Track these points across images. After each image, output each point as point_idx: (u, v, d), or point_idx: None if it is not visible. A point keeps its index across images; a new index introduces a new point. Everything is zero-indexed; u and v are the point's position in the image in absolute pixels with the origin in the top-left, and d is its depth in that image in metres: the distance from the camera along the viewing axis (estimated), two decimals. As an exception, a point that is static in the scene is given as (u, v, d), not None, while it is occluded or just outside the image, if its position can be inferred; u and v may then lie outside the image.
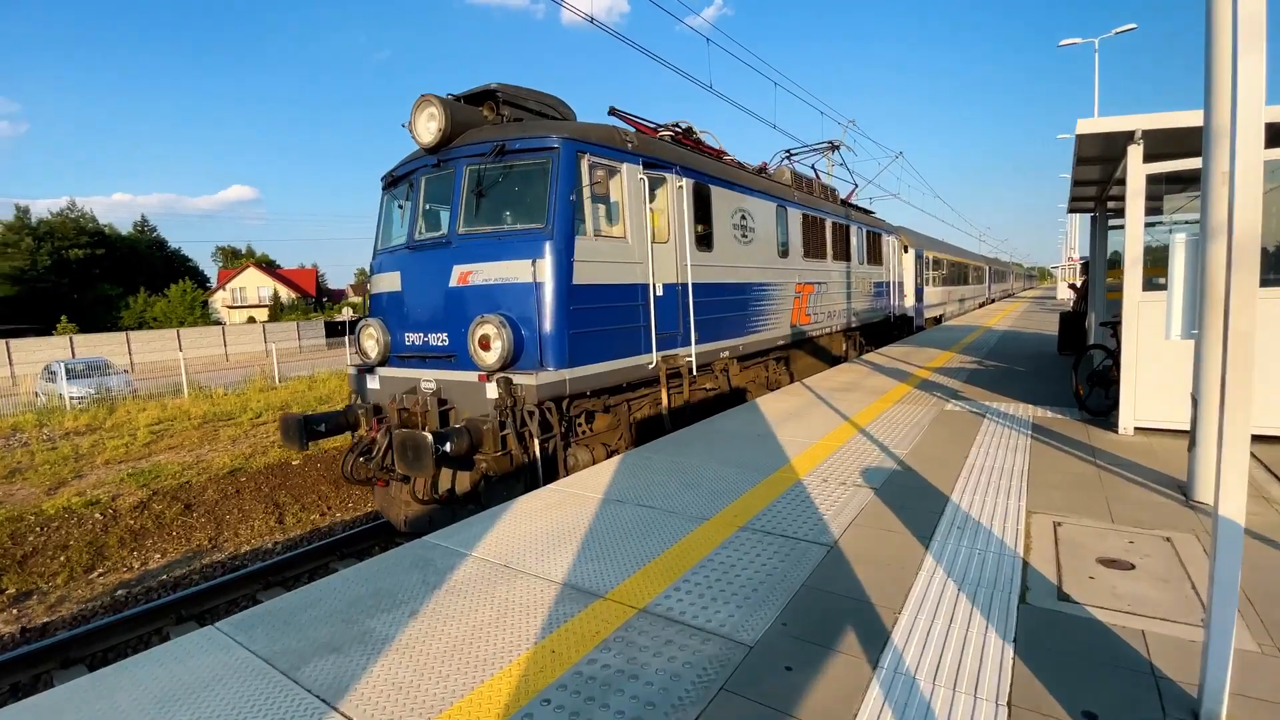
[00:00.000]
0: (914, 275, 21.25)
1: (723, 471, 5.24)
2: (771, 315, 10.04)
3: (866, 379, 10.02)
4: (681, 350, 7.55)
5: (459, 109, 6.39)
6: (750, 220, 9.34)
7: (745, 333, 9.20)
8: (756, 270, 9.48)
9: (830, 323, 12.80)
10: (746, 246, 9.22)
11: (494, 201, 6.37)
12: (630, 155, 6.74)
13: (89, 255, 66.84)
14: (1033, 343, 15.10)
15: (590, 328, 6.13)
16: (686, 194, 7.65)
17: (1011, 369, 10.69)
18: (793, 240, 10.90)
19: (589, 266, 6.13)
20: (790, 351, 11.41)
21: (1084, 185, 9.56)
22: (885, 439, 6.15)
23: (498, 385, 5.57)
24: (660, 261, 7.28)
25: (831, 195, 13.67)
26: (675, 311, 7.47)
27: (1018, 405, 7.59)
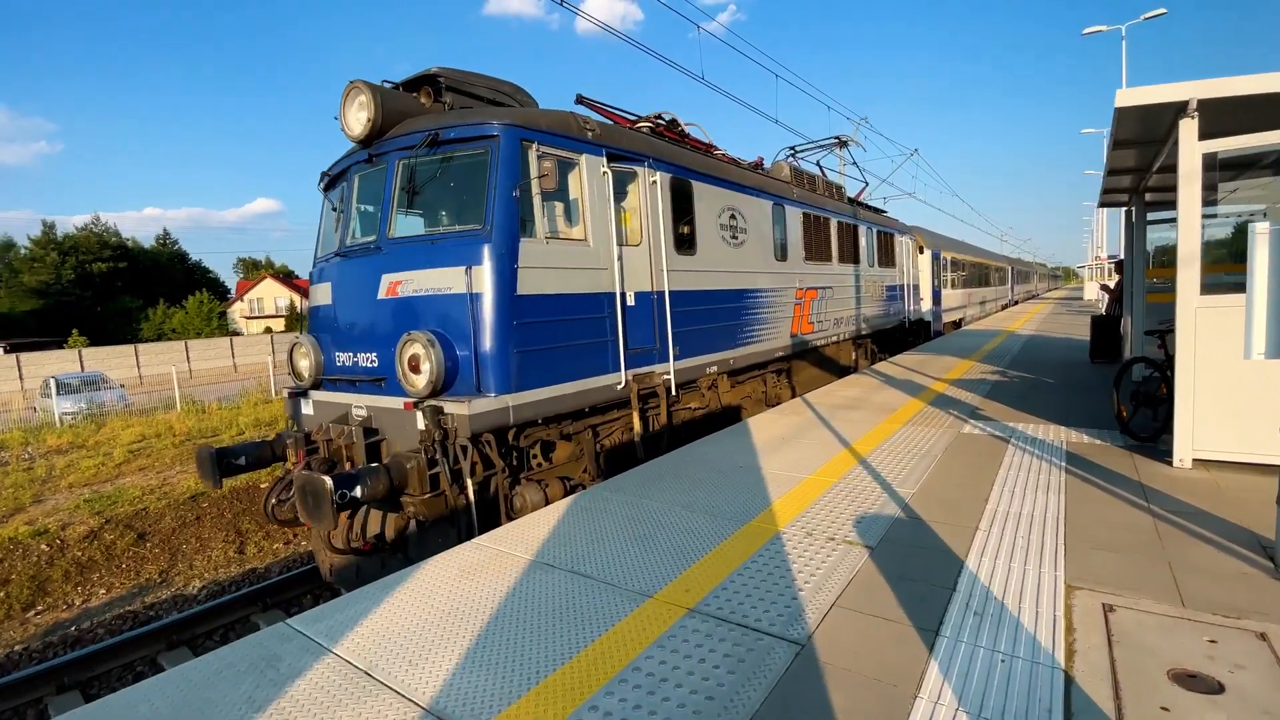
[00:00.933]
0: (931, 277, 20.11)
1: (689, 519, 4.33)
2: (768, 324, 9.10)
3: (875, 393, 9.03)
4: (658, 367, 6.65)
5: (392, 97, 5.58)
6: (741, 220, 8.43)
7: (737, 344, 8.27)
8: (749, 275, 8.56)
9: (837, 330, 11.81)
10: (737, 249, 8.31)
11: (429, 200, 5.54)
12: (590, 145, 5.87)
13: (111, 269, 67.79)
14: (1060, 349, 13.95)
15: (540, 345, 5.26)
16: (662, 190, 6.76)
17: (1039, 380, 9.63)
18: (792, 241, 9.96)
19: (538, 274, 5.27)
20: (792, 363, 10.45)
21: (1119, 174, 8.51)
22: (890, 472, 5.19)
23: (424, 415, 4.72)
24: (632, 267, 6.40)
25: (837, 193, 12.70)
26: (650, 323, 6.58)
27: (1047, 427, 6.57)
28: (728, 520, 4.28)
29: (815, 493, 4.79)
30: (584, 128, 5.83)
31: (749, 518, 4.32)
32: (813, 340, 10.71)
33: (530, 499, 5.17)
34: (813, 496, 4.70)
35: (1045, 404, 7.79)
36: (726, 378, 8.24)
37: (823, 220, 11.18)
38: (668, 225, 6.86)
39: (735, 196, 8.31)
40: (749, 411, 9.33)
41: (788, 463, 5.63)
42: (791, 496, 4.71)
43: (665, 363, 6.70)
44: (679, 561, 3.65)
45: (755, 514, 4.39)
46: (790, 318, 9.82)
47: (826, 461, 5.62)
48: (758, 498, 4.72)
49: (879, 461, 5.55)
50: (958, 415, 7.35)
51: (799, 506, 4.50)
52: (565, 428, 5.83)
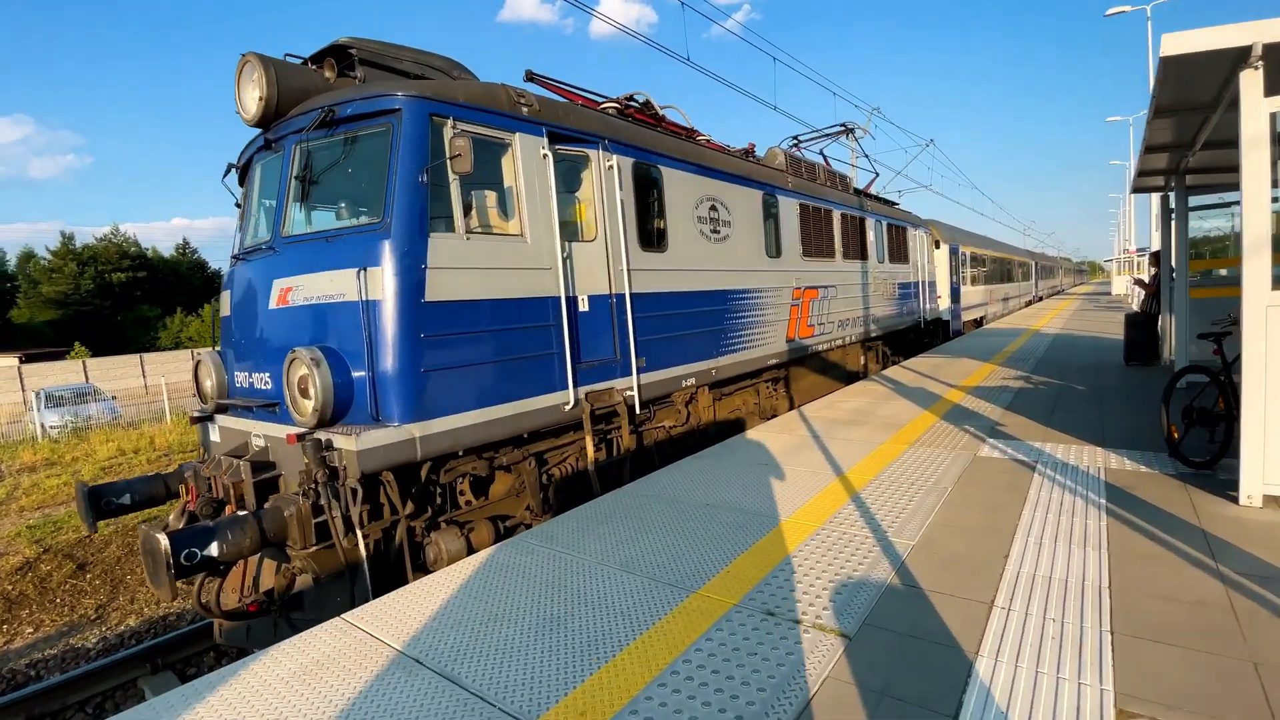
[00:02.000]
0: (948, 273, 18.94)
1: (623, 585, 3.41)
2: (759, 329, 8.14)
3: (881, 405, 8.03)
4: (619, 382, 5.74)
5: (291, 72, 4.74)
6: (724, 211, 7.48)
7: (720, 353, 7.32)
8: (735, 274, 7.61)
9: (842, 333, 10.79)
10: (720, 244, 7.36)
11: (328, 190, 4.69)
12: (527, 123, 4.98)
13: (130, 278, 68.48)
14: (1090, 350, 12.78)
15: (459, 362, 4.37)
16: (622, 177, 5.85)
17: (1067, 388, 8.54)
18: (788, 236, 8.98)
19: (456, 276, 4.38)
20: (790, 371, 9.47)
21: (1157, 153, 7.43)
22: (887, 513, 4.23)
23: (305, 452, 3.86)
24: (585, 266, 5.49)
25: (842, 182, 11.68)
26: (608, 331, 5.66)
27: (1080, 448, 5.54)
28: (671, 587, 3.36)
29: (791, 543, 3.84)
30: (517, 101, 4.93)
31: (699, 583, 3.39)
32: (814, 345, 9.72)
33: (446, 548, 4.28)
34: (786, 549, 3.75)
35: (1076, 417, 6.73)
36: (708, 391, 7.29)
37: (824, 212, 10.18)
38: (630, 218, 5.95)
39: (716, 185, 7.37)
40: (739, 427, 8.37)
41: (765, 498, 4.68)
42: (759, 550, 3.77)
43: (627, 376, 5.78)
44: (587, 660, 2.73)
45: (708, 577, 3.45)
46: (786, 321, 8.85)
47: (812, 497, 4.66)
48: (716, 551, 3.78)
49: (876, 497, 4.58)
50: (974, 432, 6.33)
51: (766, 565, 3.55)
52: (502, 456, 4.94)
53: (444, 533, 4.37)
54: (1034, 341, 14.82)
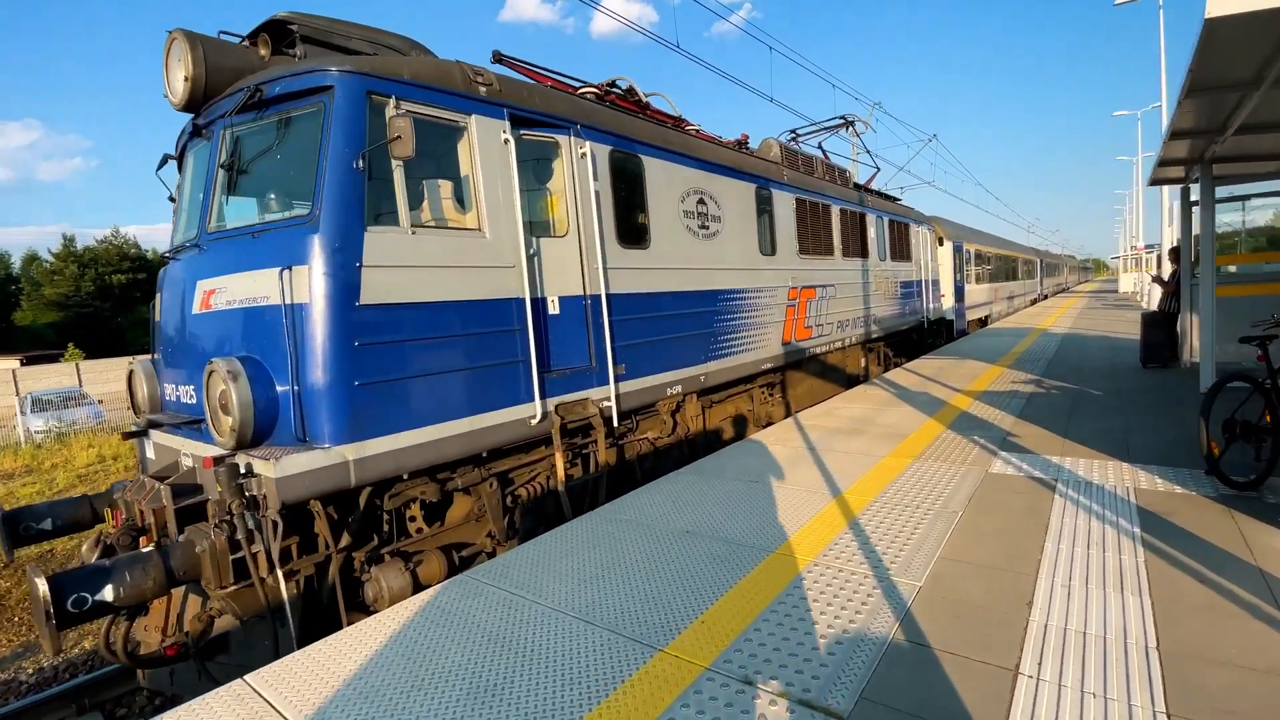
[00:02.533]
0: (952, 271, 18.37)
1: (581, 640, 2.90)
2: (752, 331, 7.61)
3: (883, 411, 7.50)
4: (594, 391, 5.22)
5: (221, 49, 4.24)
6: (714, 206, 6.96)
7: (710, 357, 6.80)
8: (725, 272, 7.08)
9: (842, 335, 10.26)
10: (709, 241, 6.84)
11: (256, 180, 4.18)
12: (484, 104, 4.46)
13: (130, 280, 68.24)
14: (1102, 350, 12.21)
15: (402, 373, 3.86)
16: (597, 166, 5.33)
17: (1083, 392, 8.00)
18: (783, 232, 8.45)
19: (399, 276, 3.87)
20: (786, 375, 8.94)
21: (1182, 139, 6.88)
22: (889, 545, 3.70)
23: (218, 479, 3.35)
24: (555, 265, 4.98)
25: (841, 176, 11.14)
26: (581, 336, 5.15)
27: (1104, 464, 5.01)
28: (635, 643, 2.84)
29: (779, 582, 3.32)
30: (473, 80, 4.42)
31: (668, 637, 2.87)
32: (811, 347, 9.19)
33: (388, 585, 3.77)
34: (773, 591, 3.24)
35: (1096, 427, 6.19)
36: (697, 399, 6.77)
37: (822, 208, 9.64)
38: (607, 211, 5.43)
39: (704, 177, 6.84)
40: (730, 436, 7.85)
41: (752, 524, 4.16)
42: (742, 593, 3.25)
43: (604, 385, 5.26)
44: (520, 745, 2.22)
45: (680, 629, 2.93)
46: (781, 322, 8.32)
47: (805, 523, 4.14)
48: (692, 593, 3.27)
49: (877, 523, 4.06)
50: (984, 444, 5.80)
51: (748, 612, 3.04)
52: (457, 479, 4.42)
53: (386, 567, 3.86)
54: (1042, 342, 14.26)
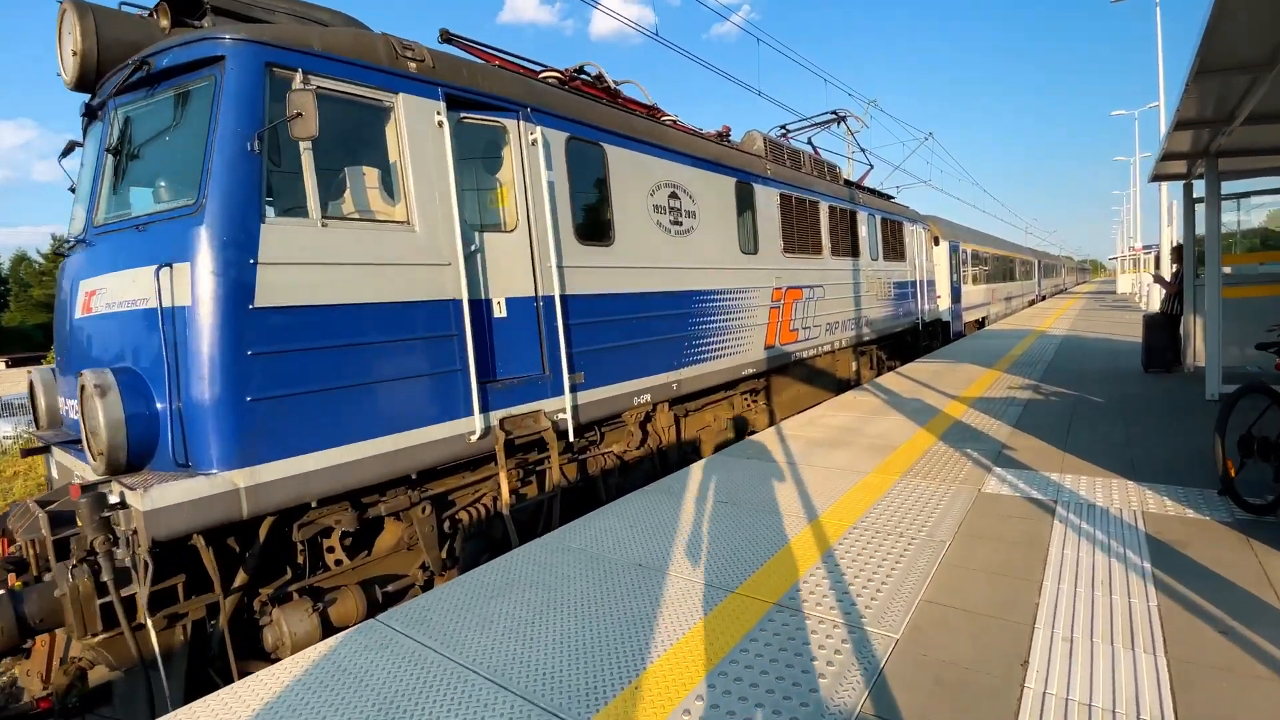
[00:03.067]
0: (949, 272, 17.93)
1: (482, 712, 2.42)
2: (731, 334, 7.14)
3: (871, 420, 7.03)
4: (548, 403, 4.74)
5: (115, 20, 3.76)
6: (688, 200, 6.49)
7: (684, 363, 6.33)
8: (701, 272, 6.61)
9: (831, 338, 9.79)
10: (682, 239, 6.37)
11: (148, 165, 3.70)
12: (416, 82, 3.98)
13: (117, 280, 67.63)
14: (1103, 354, 11.75)
15: (307, 386, 3.38)
16: (551, 154, 4.85)
17: (1083, 399, 7.54)
18: (766, 230, 7.98)
19: (305, 275, 3.39)
20: (771, 380, 8.47)
21: (1187, 129, 6.42)
22: (865, 585, 3.23)
23: (79, 510, 2.87)
24: (501, 262, 4.50)
25: (830, 172, 10.68)
26: (532, 341, 4.67)
27: (1108, 482, 4.54)
28: (550, 718, 2.36)
29: (734, 632, 2.85)
30: (401, 55, 3.93)
31: (592, 709, 2.39)
32: (798, 351, 8.72)
33: (290, 629, 3.29)
34: (726, 645, 2.76)
35: (1098, 439, 5.73)
36: (669, 408, 6.29)
37: (809, 204, 9.17)
38: (564, 204, 4.95)
39: (678, 170, 6.37)
40: (710, 446, 7.38)
41: (713, 556, 3.69)
42: (687, 648, 2.77)
43: (559, 396, 4.78)
44: None
45: (609, 697, 2.46)
46: (764, 325, 7.85)
47: (773, 555, 3.67)
48: (632, 649, 2.79)
49: (854, 556, 3.58)
50: (978, 458, 5.34)
51: (690, 677, 2.56)
52: (382, 504, 3.94)
53: (290, 608, 3.37)
54: (1040, 344, 13.82)
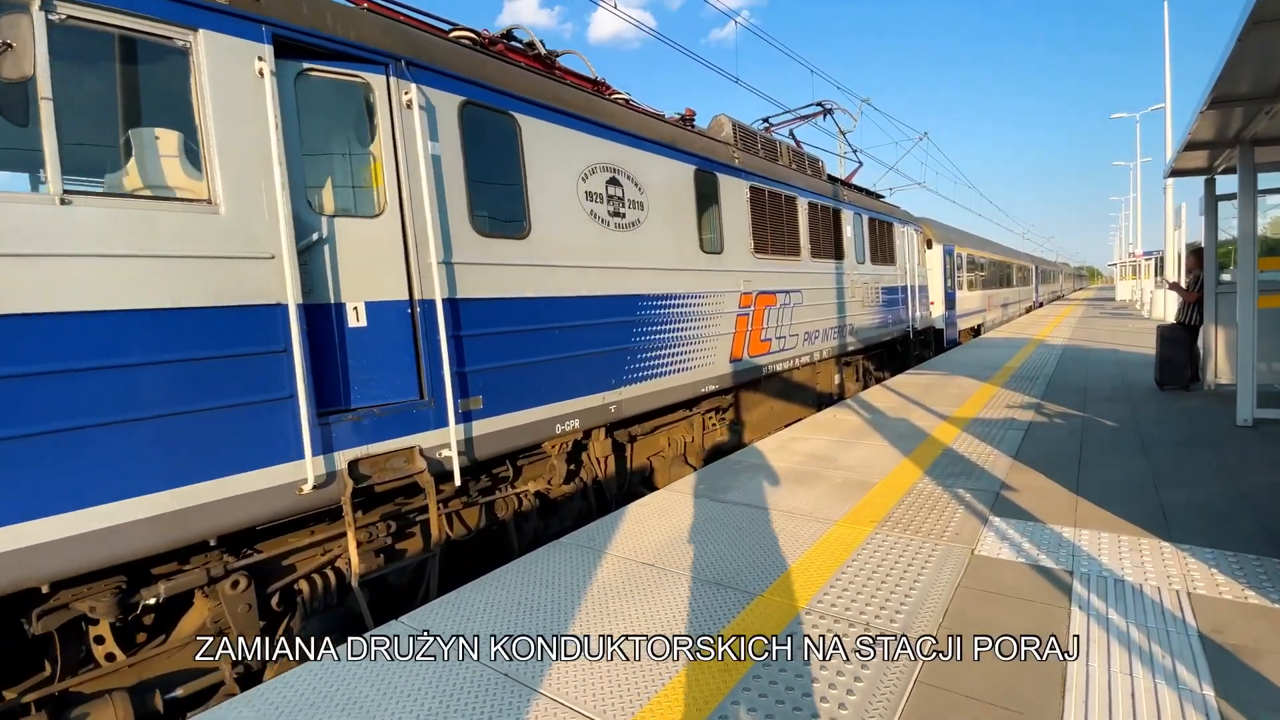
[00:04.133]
0: (942, 277, 17.00)
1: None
2: (689, 345, 6.16)
3: (848, 446, 6.05)
4: (427, 436, 3.74)
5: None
6: (633, 189, 5.51)
7: (627, 379, 5.34)
8: (649, 274, 5.63)
9: (810, 348, 8.82)
10: (625, 234, 5.39)
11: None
12: (224, 15, 2.99)
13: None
14: (1109, 367, 10.80)
15: (26, 427, 2.39)
16: (437, 121, 3.87)
17: (1093, 422, 6.57)
18: (734, 227, 7.01)
19: (29, 271, 2.41)
20: (740, 396, 7.50)
21: (1222, 107, 5.46)
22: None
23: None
24: (361, 256, 3.52)
25: (812, 166, 9.73)
26: (406, 358, 3.68)
27: (1137, 541, 3.56)
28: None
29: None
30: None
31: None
32: (771, 364, 7.74)
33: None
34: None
35: (1116, 476, 4.76)
36: (606, 434, 5.30)
37: (785, 200, 8.21)
38: (457, 185, 3.97)
39: (620, 152, 5.39)
40: (664, 475, 6.40)
41: (610, 661, 2.71)
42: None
43: (442, 427, 3.79)
44: None
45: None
46: (730, 334, 6.87)
47: (673, 678, 2.68)
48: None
49: (794, 673, 2.60)
50: (972, 502, 4.36)
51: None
52: (160, 585, 2.93)
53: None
54: (1040, 355, 12.87)
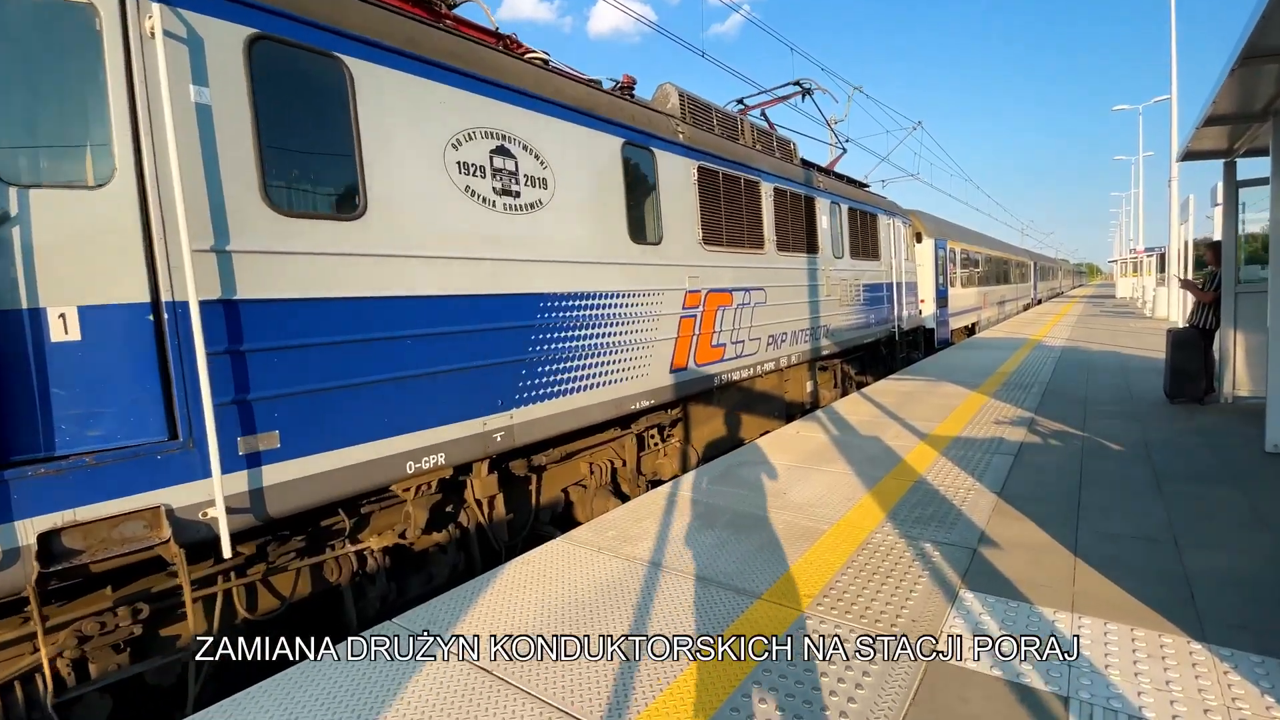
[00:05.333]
0: (934, 273, 15.97)
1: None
2: (615, 353, 5.14)
3: (803, 476, 5.04)
4: (183, 490, 2.72)
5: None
6: (533, 163, 4.48)
7: (523, 398, 4.31)
8: (557, 267, 4.60)
9: (776, 353, 7.79)
10: (518, 217, 4.35)
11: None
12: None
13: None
14: (1111, 372, 9.78)
15: None
16: (205, 58, 2.84)
17: (1095, 445, 5.56)
18: (676, 213, 5.98)
19: None
20: (690, 410, 6.48)
21: (1259, 63, 4.44)
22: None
23: None
24: (74, 242, 2.49)
25: (782, 148, 8.68)
26: (145, 381, 2.65)
27: (1156, 639, 2.54)
28: None
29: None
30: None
31: None
32: (725, 372, 6.72)
33: None
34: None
35: (1125, 528, 3.74)
36: (489, 469, 4.26)
37: (747, 185, 7.17)
38: (244, 145, 2.94)
39: (513, 116, 4.35)
40: (585, 507, 5.38)
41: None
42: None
43: (205, 478, 2.76)
44: None
45: None
46: (671, 339, 5.85)
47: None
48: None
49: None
50: (939, 565, 3.35)
51: None
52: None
53: None
54: (1036, 357, 11.86)
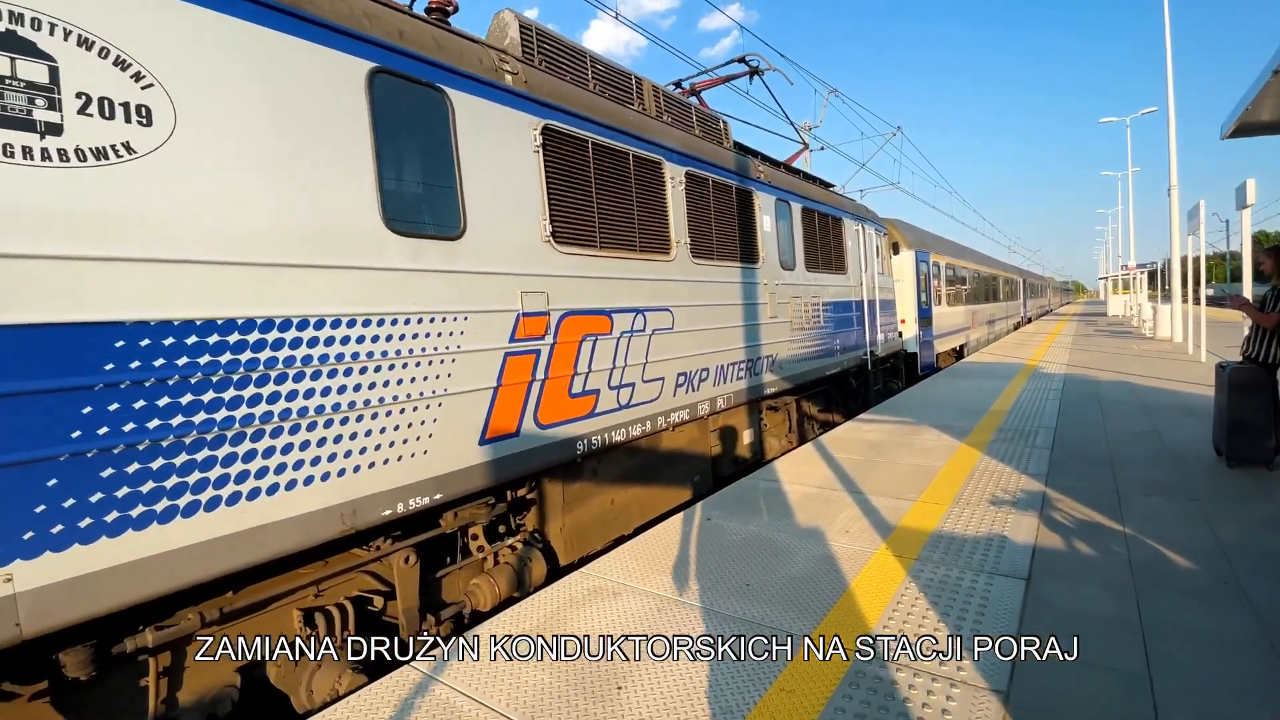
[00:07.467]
0: (915, 289, 13.97)
1: None
2: (324, 426, 3.01)
3: (675, 624, 2.91)
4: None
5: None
6: (105, 72, 2.39)
7: (47, 538, 2.17)
8: (158, 271, 2.50)
9: (694, 398, 5.68)
10: (45, 172, 2.25)
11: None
12: None
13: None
14: (1132, 413, 7.72)
15: None
16: None
17: (1144, 556, 3.46)
18: (494, 195, 3.90)
19: None
20: (546, 489, 4.35)
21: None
22: None
23: None
24: None
25: (704, 124, 6.63)
26: None
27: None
28: None
29: None
30: None
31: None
32: (599, 432, 4.59)
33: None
34: None
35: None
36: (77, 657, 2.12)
37: (637, 164, 5.12)
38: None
39: None
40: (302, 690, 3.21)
41: None
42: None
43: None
44: None
45: None
46: (483, 390, 3.73)
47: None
48: None
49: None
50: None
51: None
52: None
53: None
54: (1035, 389, 9.82)
